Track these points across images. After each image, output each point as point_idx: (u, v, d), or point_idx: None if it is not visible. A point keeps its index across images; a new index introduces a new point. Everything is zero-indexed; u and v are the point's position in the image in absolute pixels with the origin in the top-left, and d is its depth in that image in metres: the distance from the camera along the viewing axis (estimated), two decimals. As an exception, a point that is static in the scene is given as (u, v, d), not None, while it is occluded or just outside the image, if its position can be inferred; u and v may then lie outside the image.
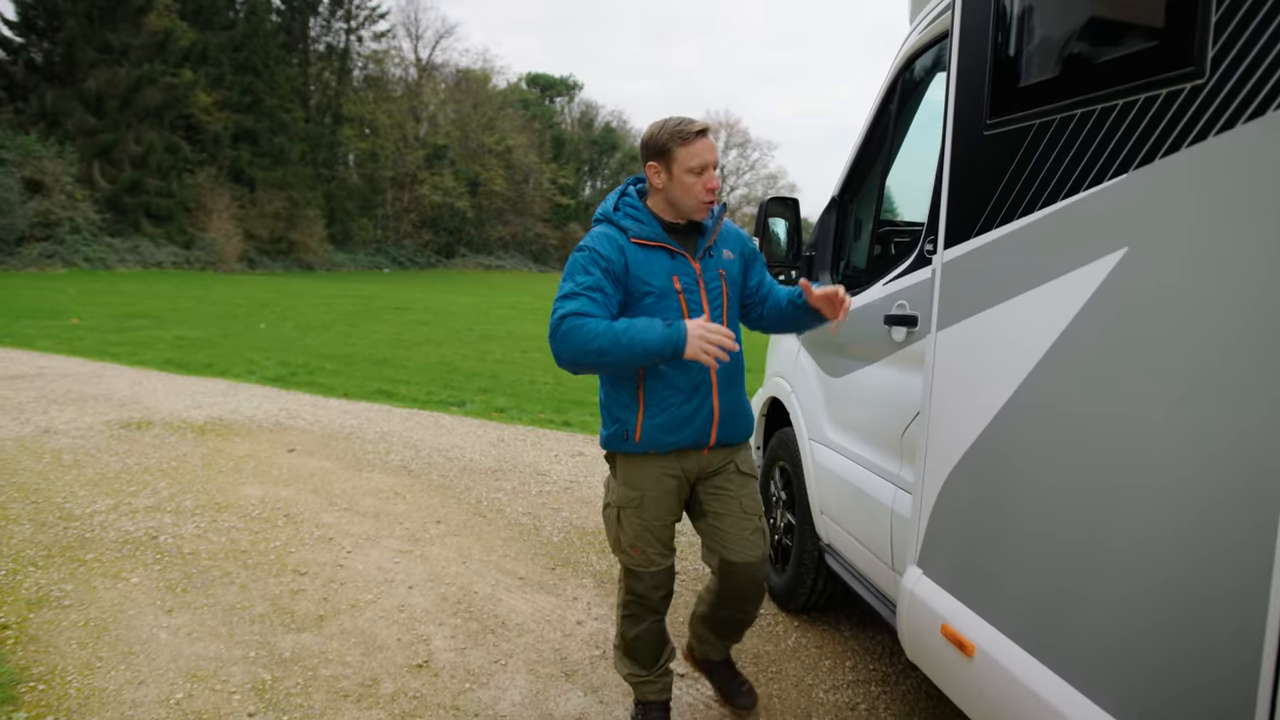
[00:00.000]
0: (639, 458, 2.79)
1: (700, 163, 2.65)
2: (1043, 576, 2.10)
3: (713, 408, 2.76)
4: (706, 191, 2.68)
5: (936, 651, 2.50)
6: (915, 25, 3.32)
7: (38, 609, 3.83)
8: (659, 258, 2.70)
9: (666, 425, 2.72)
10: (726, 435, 2.82)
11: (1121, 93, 1.86)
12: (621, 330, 2.48)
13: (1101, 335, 1.90)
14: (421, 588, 4.24)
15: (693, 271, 2.73)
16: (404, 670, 3.43)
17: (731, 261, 2.85)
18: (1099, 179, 1.92)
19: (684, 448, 2.77)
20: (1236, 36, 1.57)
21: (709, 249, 2.79)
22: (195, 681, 3.27)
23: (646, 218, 2.73)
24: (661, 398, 2.70)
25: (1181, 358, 1.68)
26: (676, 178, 2.68)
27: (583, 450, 7.47)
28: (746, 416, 2.91)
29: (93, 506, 5.20)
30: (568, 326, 2.50)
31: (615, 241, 2.68)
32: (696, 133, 2.66)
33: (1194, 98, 1.67)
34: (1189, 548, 1.66)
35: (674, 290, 2.69)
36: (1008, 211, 2.27)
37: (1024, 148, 2.20)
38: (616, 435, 2.78)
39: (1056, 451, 2.06)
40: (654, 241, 2.70)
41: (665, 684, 3.06)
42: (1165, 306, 1.73)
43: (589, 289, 2.58)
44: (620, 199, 2.81)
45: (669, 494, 2.81)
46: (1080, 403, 1.98)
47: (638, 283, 2.66)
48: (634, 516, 2.81)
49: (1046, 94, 2.14)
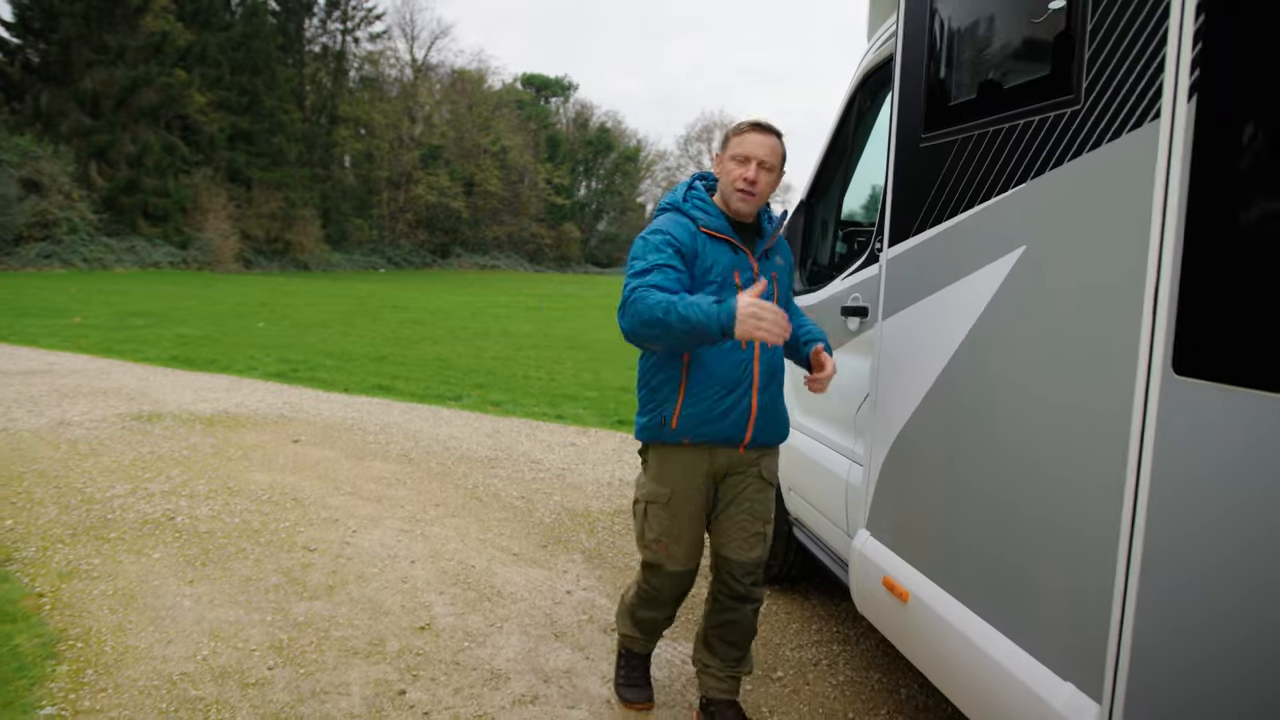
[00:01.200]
0: (673, 450, 2.82)
1: (743, 152, 2.75)
2: (962, 531, 2.45)
3: (751, 405, 2.78)
4: (742, 180, 2.74)
5: (879, 600, 2.85)
6: (870, 46, 3.66)
7: (69, 580, 4.15)
8: (723, 251, 2.77)
9: (703, 416, 2.74)
10: (762, 435, 2.84)
11: (1020, 114, 2.21)
12: (675, 302, 2.47)
13: (1006, 322, 2.25)
14: (423, 562, 4.57)
15: (751, 268, 2.80)
16: (408, 632, 3.77)
17: (784, 268, 2.95)
18: (1005, 187, 2.27)
19: (717, 442, 2.80)
20: (1103, 69, 1.91)
21: (767, 251, 2.87)
22: (218, 641, 3.60)
23: (714, 210, 2.82)
24: (702, 388, 2.73)
25: (1067, 339, 2.02)
26: (724, 165, 2.80)
27: (575, 441, 7.81)
28: (783, 420, 2.94)
29: (111, 491, 5.52)
30: (636, 296, 2.54)
31: (687, 227, 2.76)
32: (750, 125, 2.79)
33: (1072, 120, 2.01)
34: (1072, 501, 2.00)
35: (734, 285, 2.74)
36: (938, 214, 2.62)
37: (949, 158, 2.55)
38: (654, 423, 2.81)
39: (971, 424, 2.41)
40: (720, 234, 2.77)
41: (653, 640, 3.27)
42: (1054, 296, 2.08)
43: (661, 265, 2.63)
44: (688, 191, 2.88)
45: (698, 492, 2.85)
46: (989, 379, 2.33)
47: (703, 271, 2.72)
48: (661, 512, 2.86)
49: (967, 112, 2.48)
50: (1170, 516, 1.69)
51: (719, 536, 2.92)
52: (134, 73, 38.25)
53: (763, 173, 2.76)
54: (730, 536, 2.89)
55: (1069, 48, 2.04)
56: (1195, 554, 1.64)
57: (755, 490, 2.89)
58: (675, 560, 2.90)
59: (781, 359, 2.87)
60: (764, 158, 2.75)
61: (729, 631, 3.01)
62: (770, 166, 2.78)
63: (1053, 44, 2.12)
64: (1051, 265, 2.10)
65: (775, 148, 2.79)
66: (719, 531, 2.92)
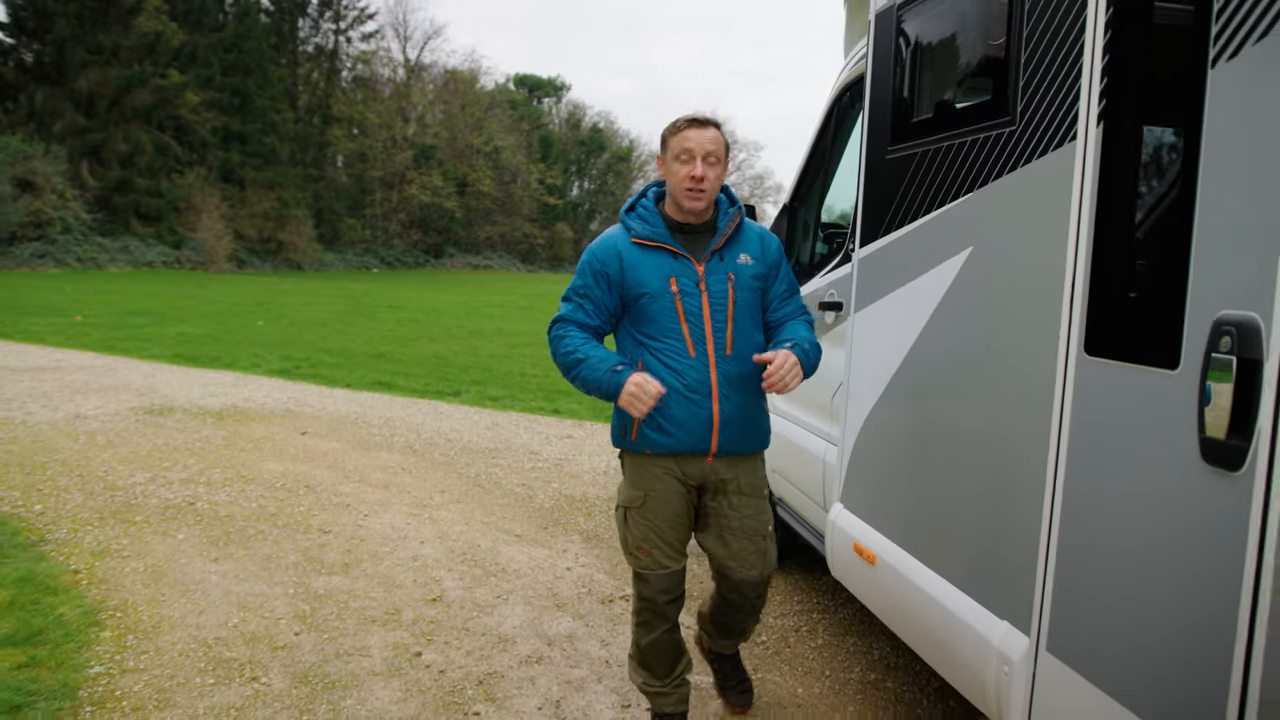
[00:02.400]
0: (641, 457, 2.79)
1: (683, 150, 2.68)
2: (920, 498, 2.78)
3: (711, 413, 2.70)
4: (689, 179, 2.67)
5: (850, 565, 3.18)
6: (846, 62, 3.99)
7: (101, 559, 4.45)
8: (659, 258, 2.72)
9: (661, 426, 2.71)
10: (730, 443, 2.76)
11: (968, 132, 2.53)
12: (582, 365, 2.65)
13: (957, 313, 2.58)
14: (431, 543, 4.89)
15: (694, 274, 2.71)
16: (421, 603, 4.08)
17: (747, 266, 2.79)
18: (956, 195, 2.59)
19: (681, 452, 2.75)
20: (1033, 97, 2.24)
21: (718, 251, 2.76)
22: (246, 611, 3.91)
23: (653, 218, 2.77)
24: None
25: (1005, 326, 2.35)
26: (668, 166, 2.73)
27: (571, 434, 8.13)
28: (756, 427, 2.84)
29: (132, 479, 5.82)
30: (554, 334, 2.77)
31: (614, 244, 2.77)
32: (688, 121, 2.71)
33: (1010, 139, 2.34)
34: (1008, 467, 2.33)
35: (670, 292, 2.69)
36: (902, 217, 2.94)
37: (911, 169, 2.87)
38: (617, 430, 2.83)
39: (927, 403, 2.74)
40: (654, 241, 2.73)
41: (681, 695, 2.99)
42: (995, 289, 2.40)
43: (579, 294, 2.76)
44: (638, 199, 2.87)
45: (674, 495, 2.79)
46: (943, 364, 2.65)
47: (634, 284, 2.71)
48: (639, 517, 2.81)
49: (925, 129, 2.81)
50: (1083, 476, 2.02)
51: (718, 554, 2.86)
52: (128, 73, 38.44)
53: (708, 167, 2.68)
54: (729, 556, 2.84)
55: (1006, 77, 2.36)
56: (1105, 508, 1.96)
57: (740, 507, 2.82)
58: (658, 563, 2.82)
59: (754, 365, 2.71)
60: (708, 151, 2.68)
61: (731, 627, 3.07)
62: (715, 159, 2.70)
63: (993, 73, 2.45)
64: (993, 263, 2.43)
65: (716, 138, 2.71)
66: (716, 549, 2.86)
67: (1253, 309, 1.56)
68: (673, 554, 2.83)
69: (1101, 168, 1.98)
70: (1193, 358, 1.68)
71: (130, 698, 3.14)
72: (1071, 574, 2.05)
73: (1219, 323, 1.62)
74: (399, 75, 59.17)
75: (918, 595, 2.68)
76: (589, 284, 2.75)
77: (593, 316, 2.76)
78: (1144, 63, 1.91)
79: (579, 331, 2.77)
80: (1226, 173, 1.65)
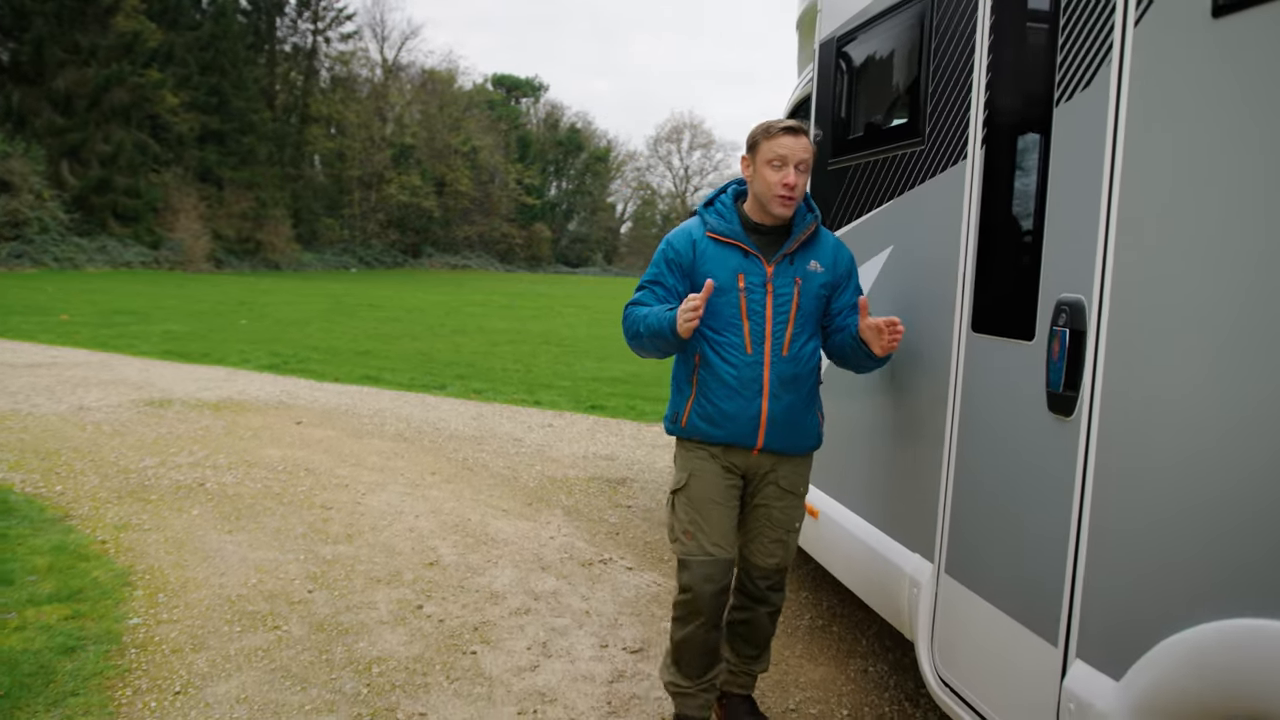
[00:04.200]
0: (690, 443, 2.85)
1: (777, 156, 2.69)
2: (850, 456, 3.27)
3: (760, 409, 2.73)
4: (782, 186, 2.69)
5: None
6: (799, 82, 4.48)
7: (124, 531, 4.87)
8: (730, 255, 2.77)
9: (710, 416, 2.76)
10: (776, 442, 2.78)
11: (890, 149, 3.03)
12: (644, 315, 2.73)
13: (882, 301, 3.07)
14: (426, 517, 5.34)
15: (763, 273, 2.74)
16: (420, 566, 4.54)
17: (817, 274, 2.80)
18: (878, 202, 3.09)
19: (728, 443, 2.78)
20: (938, 122, 2.74)
21: (790, 254, 2.77)
22: (263, 574, 4.35)
23: (730, 215, 2.83)
24: (709, 389, 2.75)
25: (917, 310, 2.84)
26: (758, 171, 2.74)
27: (552, 423, 8.60)
28: (806, 430, 2.85)
29: (143, 463, 6.23)
30: (625, 314, 2.83)
31: (690, 234, 2.83)
32: (783, 129, 2.73)
33: (920, 156, 2.84)
34: (917, 423, 2.83)
35: (737, 288, 2.73)
36: (840, 220, 3.44)
37: (847, 179, 3.37)
38: (670, 417, 2.90)
39: (859, 379, 3.23)
40: (729, 238, 2.78)
41: (707, 700, 2.97)
42: (910, 280, 2.90)
43: (650, 282, 2.84)
44: (718, 195, 2.92)
45: (718, 477, 2.81)
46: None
47: (703, 275, 2.74)
48: (684, 500, 2.83)
49: (858, 145, 3.31)
50: (971, 428, 2.51)
51: (744, 536, 2.93)
52: (106, 72, 38.47)
53: (799, 175, 2.72)
54: (750, 539, 2.91)
55: (919, 105, 2.86)
56: (984, 453, 2.46)
57: (774, 498, 2.86)
58: (702, 549, 2.79)
59: (808, 368, 2.81)
60: (801, 158, 2.71)
61: (745, 630, 3.02)
62: (805, 167, 2.74)
63: (910, 102, 2.94)
64: (908, 258, 2.93)
65: (808, 147, 2.75)
66: (744, 531, 2.92)
67: (1080, 292, 2.06)
68: (719, 541, 2.80)
69: (984, 182, 2.48)
70: (1042, 331, 2.18)
71: (168, 643, 3.58)
72: (962, 509, 2.55)
73: (1059, 303, 2.12)
74: (377, 75, 59.33)
75: (849, 538, 3.18)
76: (662, 271, 2.83)
77: (661, 302, 2.80)
78: (1012, 101, 2.41)
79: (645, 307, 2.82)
80: (1063, 188, 2.15)
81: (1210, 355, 1.70)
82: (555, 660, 3.61)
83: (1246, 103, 1.65)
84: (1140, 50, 1.91)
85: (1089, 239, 2.03)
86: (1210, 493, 1.69)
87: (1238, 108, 1.66)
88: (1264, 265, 1.59)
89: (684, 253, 2.80)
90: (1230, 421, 1.65)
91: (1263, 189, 1.60)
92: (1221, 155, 1.70)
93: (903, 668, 3.68)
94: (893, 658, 3.79)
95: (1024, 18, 2.39)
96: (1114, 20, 1.98)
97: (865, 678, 3.63)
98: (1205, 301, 1.72)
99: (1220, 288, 1.68)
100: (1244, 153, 1.65)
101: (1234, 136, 1.67)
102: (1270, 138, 1.59)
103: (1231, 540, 1.64)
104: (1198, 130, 1.75)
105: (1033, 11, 2.37)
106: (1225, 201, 1.68)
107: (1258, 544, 1.59)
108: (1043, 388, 2.17)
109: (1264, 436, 1.58)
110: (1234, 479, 1.64)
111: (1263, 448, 1.58)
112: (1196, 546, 1.72)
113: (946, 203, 2.68)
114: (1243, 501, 1.62)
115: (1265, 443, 1.58)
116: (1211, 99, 1.72)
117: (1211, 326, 1.70)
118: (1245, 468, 1.62)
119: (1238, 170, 1.66)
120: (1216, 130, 1.71)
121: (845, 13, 3.44)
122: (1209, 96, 1.73)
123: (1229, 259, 1.67)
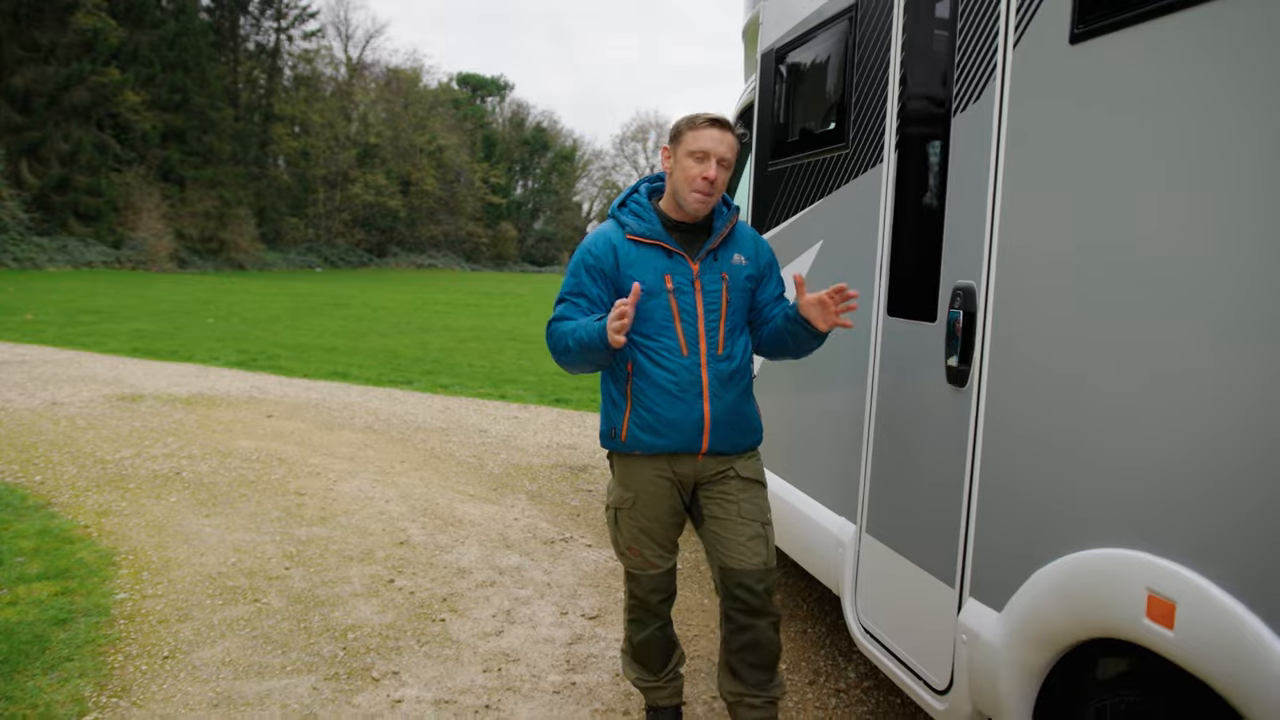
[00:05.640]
0: (630, 457, 2.73)
1: (701, 148, 2.59)
2: (793, 436, 3.58)
3: (703, 413, 2.64)
4: (701, 180, 2.59)
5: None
6: (746, 88, 4.79)
7: (105, 517, 5.07)
8: (653, 256, 2.67)
9: (651, 426, 2.64)
10: (721, 443, 2.69)
11: (819, 153, 3.34)
12: (571, 330, 2.59)
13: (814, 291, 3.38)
14: (395, 501, 5.59)
15: (689, 272, 2.66)
16: (391, 545, 4.79)
17: (741, 267, 2.73)
18: (811, 200, 3.40)
19: (672, 451, 2.68)
20: (860, 129, 3.05)
21: (713, 251, 2.70)
22: (241, 553, 4.58)
23: (648, 215, 2.71)
24: (647, 398, 2.64)
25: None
26: (679, 161, 2.63)
27: (517, 415, 8.86)
28: (748, 426, 2.77)
29: (119, 454, 6.42)
30: (548, 332, 2.70)
31: (609, 239, 2.70)
32: (708, 120, 2.63)
33: (845, 160, 3.15)
34: (844, 400, 3.14)
35: (665, 289, 2.63)
36: (778, 217, 3.74)
37: (784, 179, 3.68)
38: (606, 433, 2.76)
39: (795, 364, 3.54)
40: (650, 239, 2.67)
41: (675, 688, 3.00)
42: (838, 271, 3.21)
43: (571, 294, 2.70)
44: (630, 195, 2.82)
45: (664, 495, 2.73)
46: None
47: (628, 281, 2.61)
48: (628, 518, 2.76)
49: (794, 149, 3.62)
50: (887, 401, 2.83)
51: (715, 548, 2.73)
52: (66, 70, 38.07)
53: (721, 170, 2.62)
54: (727, 545, 2.70)
55: (845, 113, 3.17)
56: (897, 422, 2.77)
57: (738, 491, 2.73)
58: (651, 564, 2.80)
59: (742, 364, 2.73)
60: (723, 154, 2.62)
61: (751, 653, 2.76)
62: (729, 163, 2.65)
63: (837, 109, 3.26)
64: (835, 252, 3.24)
65: (733, 144, 2.66)
66: (714, 543, 2.74)
67: (971, 279, 2.37)
68: (663, 554, 2.81)
69: (897, 183, 2.79)
70: (943, 313, 2.50)
71: (155, 614, 3.82)
72: (880, 474, 2.86)
73: (955, 289, 2.43)
74: (341, 74, 59.08)
75: (790, 511, 3.49)
76: (583, 282, 2.69)
77: (585, 314, 2.67)
78: (918, 110, 2.72)
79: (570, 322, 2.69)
80: (959, 188, 2.46)
81: (1077, 329, 2.02)
82: (519, 626, 3.89)
83: (1098, 117, 1.96)
84: (1017, 69, 2.22)
85: (979, 232, 2.35)
86: (1079, 449, 2.01)
87: (1092, 122, 1.98)
88: (1114, 257, 1.91)
89: (605, 258, 2.68)
90: (1091, 388, 1.97)
91: (1113, 192, 1.92)
92: (1078, 161, 2.01)
93: (839, 629, 4.00)
94: (829, 620, 4.11)
95: (928, 36, 2.71)
96: (998, 42, 2.29)
97: (804, 638, 3.94)
98: (1070, 285, 2.03)
99: (1082, 273, 2.00)
100: (1096, 159, 1.96)
101: (1088, 145, 1.99)
102: (1118, 146, 1.90)
103: (1085, 485, 1.96)
104: (1059, 140, 2.07)
105: (935, 30, 2.68)
106: (1082, 201, 2.00)
107: (1101, 486, 1.91)
108: (943, 363, 2.48)
109: (1108, 400, 1.90)
110: (1090, 436, 1.96)
111: (1105, 411, 1.90)
112: (1062, 493, 2.04)
113: (867, 201, 2.99)
114: (1096, 453, 1.94)
115: (1108, 406, 1.89)
116: (1071, 113, 2.04)
117: (1079, 305, 2.02)
118: (1097, 428, 1.94)
119: (1091, 174, 1.98)
120: (1074, 140, 2.03)
121: (783, 26, 3.75)
122: (1069, 111, 2.05)
123: (1088, 250, 1.98)
